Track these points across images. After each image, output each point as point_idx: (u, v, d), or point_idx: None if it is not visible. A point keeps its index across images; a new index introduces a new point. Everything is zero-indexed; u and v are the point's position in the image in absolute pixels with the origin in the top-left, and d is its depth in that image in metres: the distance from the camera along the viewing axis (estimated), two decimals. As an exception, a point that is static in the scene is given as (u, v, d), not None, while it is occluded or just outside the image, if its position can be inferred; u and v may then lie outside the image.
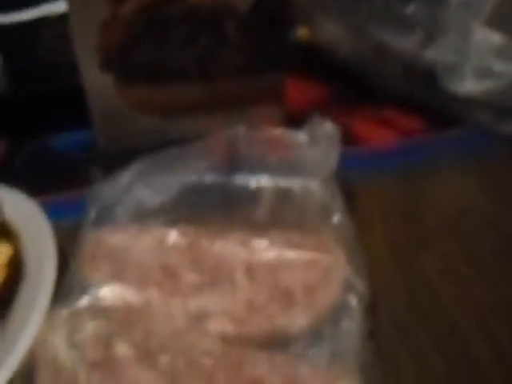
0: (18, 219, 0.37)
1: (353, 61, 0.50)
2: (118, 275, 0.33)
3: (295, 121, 0.41)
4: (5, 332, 0.32)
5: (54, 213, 0.38)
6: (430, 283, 0.36)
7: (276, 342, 0.30)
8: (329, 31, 0.51)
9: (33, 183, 0.41)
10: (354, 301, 0.32)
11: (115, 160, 0.39)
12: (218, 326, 0.30)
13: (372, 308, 0.33)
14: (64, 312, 0.31)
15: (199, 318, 0.31)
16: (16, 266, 0.35)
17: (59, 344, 0.31)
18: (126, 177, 0.37)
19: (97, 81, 0.44)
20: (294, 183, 0.36)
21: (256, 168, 0.37)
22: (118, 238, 0.35)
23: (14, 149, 0.50)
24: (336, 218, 0.34)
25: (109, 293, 0.32)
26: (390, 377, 0.31)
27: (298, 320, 0.31)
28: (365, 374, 0.30)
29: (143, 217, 0.35)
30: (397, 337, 0.34)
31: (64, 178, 0.46)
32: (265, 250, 0.33)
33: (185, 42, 0.44)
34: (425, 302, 0.35)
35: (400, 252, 0.38)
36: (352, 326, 0.31)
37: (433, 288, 0.36)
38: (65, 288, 0.33)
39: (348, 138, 0.43)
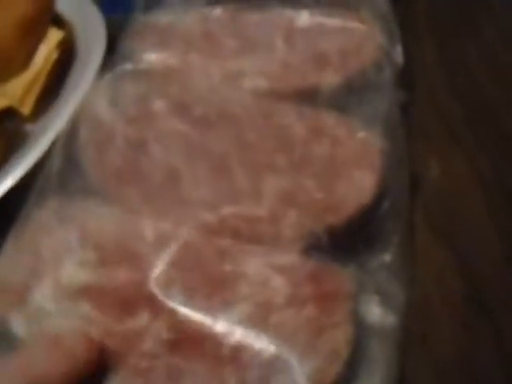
0: (70, 11, 0.41)
1: None
2: (162, 45, 0.34)
3: None
4: (59, 97, 0.35)
5: (106, 7, 0.40)
6: (468, 66, 0.35)
7: (307, 97, 0.31)
8: None
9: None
10: (386, 65, 0.31)
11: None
12: (252, 82, 0.32)
13: (409, 80, 0.33)
14: (107, 76, 0.34)
15: (235, 76, 0.32)
16: (67, 49, 0.38)
17: (100, 102, 0.33)
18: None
19: None
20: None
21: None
22: (165, 17, 0.36)
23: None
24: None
25: (152, 58, 0.34)
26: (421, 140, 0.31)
27: (330, 78, 0.31)
28: (389, 136, 0.30)
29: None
30: (432, 112, 0.33)
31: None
32: (304, 19, 0.33)
33: None
34: (462, 82, 0.35)
35: (444, 39, 0.37)
36: (382, 86, 0.31)
37: (471, 71, 0.35)
38: (111, 61, 0.35)
39: None
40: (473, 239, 0.29)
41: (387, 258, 0.28)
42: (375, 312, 0.27)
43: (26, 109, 0.36)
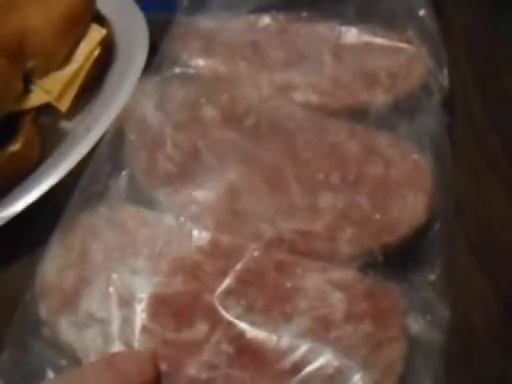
0: (111, 9, 0.39)
1: None
2: (208, 50, 0.35)
3: None
4: (100, 96, 0.35)
5: (148, 7, 0.40)
6: (505, 94, 0.36)
7: (357, 115, 0.32)
8: None
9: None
10: (434, 87, 0.32)
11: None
12: (303, 96, 0.32)
13: (450, 104, 0.34)
14: (155, 79, 0.34)
15: (285, 89, 0.33)
16: (108, 46, 0.38)
17: (147, 105, 0.33)
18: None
19: None
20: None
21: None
22: (209, 22, 0.36)
23: None
24: (422, 13, 0.34)
25: (199, 63, 0.34)
26: (459, 165, 0.32)
27: (380, 98, 0.32)
28: (437, 158, 0.31)
29: (235, 5, 0.36)
30: (470, 138, 0.35)
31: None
32: (352, 36, 0.34)
33: None
34: (499, 110, 0.36)
35: (481, 66, 0.38)
36: (431, 109, 0.31)
37: (508, 98, 0.36)
38: (156, 63, 0.35)
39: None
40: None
41: (433, 277, 0.29)
42: (422, 328, 0.28)
43: (64, 105, 0.35)
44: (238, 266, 0.27)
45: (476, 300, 0.30)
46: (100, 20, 0.38)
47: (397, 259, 0.29)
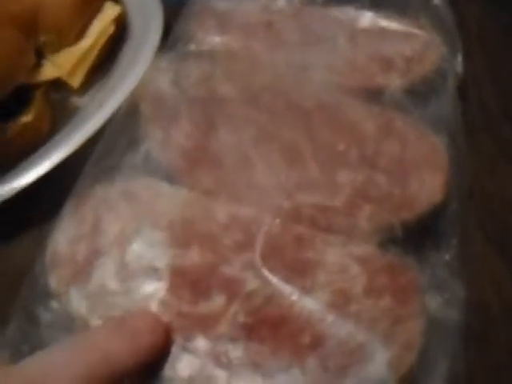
0: None
1: None
2: (223, 29, 0.34)
3: None
4: (113, 73, 0.34)
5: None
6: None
7: (372, 97, 0.32)
8: None
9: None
10: (448, 73, 0.33)
11: None
12: (319, 75, 0.32)
13: (463, 91, 0.34)
14: (170, 55, 0.33)
15: (301, 68, 0.32)
16: (122, 24, 0.37)
17: (163, 81, 0.33)
18: None
19: None
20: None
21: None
22: (223, 3, 0.36)
23: None
24: (436, 0, 0.35)
25: (214, 41, 0.33)
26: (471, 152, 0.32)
27: (395, 81, 0.32)
28: (452, 141, 0.31)
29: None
30: (482, 125, 0.35)
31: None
32: (367, 20, 0.34)
33: None
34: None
35: (493, 54, 0.38)
36: (445, 93, 0.32)
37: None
38: (170, 40, 0.35)
39: None
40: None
41: (448, 256, 0.29)
42: (439, 306, 0.28)
43: (76, 81, 0.35)
44: (257, 239, 0.27)
45: (491, 282, 0.30)
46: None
47: (415, 237, 0.29)
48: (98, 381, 0.21)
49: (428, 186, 0.29)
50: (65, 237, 0.28)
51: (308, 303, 0.25)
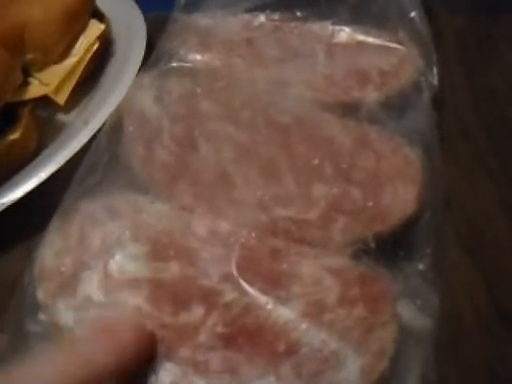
0: (109, 5, 0.41)
1: None
2: (204, 46, 0.37)
3: None
4: (98, 90, 0.36)
5: (144, 5, 0.42)
6: (494, 94, 0.39)
7: (349, 111, 0.34)
8: None
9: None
10: (424, 86, 0.34)
11: None
12: (297, 91, 0.34)
13: (439, 102, 0.36)
14: (153, 72, 0.35)
15: (279, 84, 0.34)
16: (107, 42, 0.40)
17: (145, 98, 0.35)
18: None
19: None
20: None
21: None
22: (205, 20, 0.38)
23: None
24: (413, 14, 0.37)
25: (196, 58, 0.36)
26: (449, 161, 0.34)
27: (371, 95, 0.34)
28: (426, 153, 0.33)
29: (231, 4, 0.38)
30: (458, 134, 0.37)
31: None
32: (345, 35, 0.36)
33: None
34: (488, 108, 0.38)
35: (470, 65, 0.40)
36: (420, 106, 0.34)
37: (496, 97, 0.39)
38: (153, 57, 0.37)
39: None
40: (498, 259, 0.33)
41: (422, 266, 0.31)
42: (412, 314, 0.30)
43: (62, 98, 0.37)
44: (235, 252, 0.29)
45: (464, 290, 0.32)
46: (99, 16, 0.40)
47: (388, 248, 0.30)
48: None
49: (401, 198, 0.31)
50: (52, 250, 0.30)
51: (283, 313, 0.27)
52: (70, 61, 0.38)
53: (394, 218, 0.30)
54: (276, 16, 0.38)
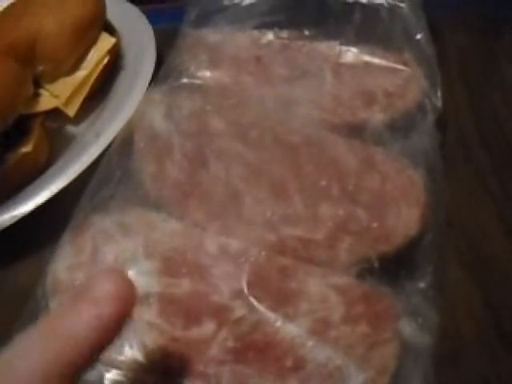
0: (119, 19, 0.43)
1: None
2: (214, 63, 0.38)
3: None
4: (109, 103, 0.38)
5: (153, 19, 0.43)
6: (496, 115, 0.41)
7: (355, 132, 0.35)
8: None
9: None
10: (428, 108, 0.36)
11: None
12: (305, 110, 0.36)
13: (443, 124, 0.38)
14: (163, 88, 0.37)
15: (288, 103, 0.36)
16: (117, 55, 0.41)
17: (155, 114, 0.37)
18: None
19: None
20: (382, 3, 0.40)
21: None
22: (215, 36, 0.40)
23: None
24: (419, 36, 0.38)
25: (206, 75, 0.37)
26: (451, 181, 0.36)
27: (377, 116, 0.36)
28: (430, 174, 0.35)
29: (240, 20, 0.40)
30: (461, 155, 0.39)
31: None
32: (352, 55, 0.38)
33: None
34: (490, 129, 0.40)
35: (473, 87, 0.42)
36: (424, 127, 0.36)
37: (498, 118, 0.41)
38: (163, 72, 0.38)
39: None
40: (499, 278, 0.35)
41: (423, 284, 0.33)
42: (414, 331, 0.32)
43: (72, 111, 0.38)
44: (244, 270, 0.31)
45: (464, 307, 0.34)
46: (110, 29, 0.41)
47: (391, 267, 0.32)
48: (57, 373, 0.20)
49: (405, 219, 0.33)
50: (64, 264, 0.32)
51: (291, 329, 0.29)
52: (81, 73, 0.39)
53: (398, 238, 0.32)
54: (284, 34, 0.40)
